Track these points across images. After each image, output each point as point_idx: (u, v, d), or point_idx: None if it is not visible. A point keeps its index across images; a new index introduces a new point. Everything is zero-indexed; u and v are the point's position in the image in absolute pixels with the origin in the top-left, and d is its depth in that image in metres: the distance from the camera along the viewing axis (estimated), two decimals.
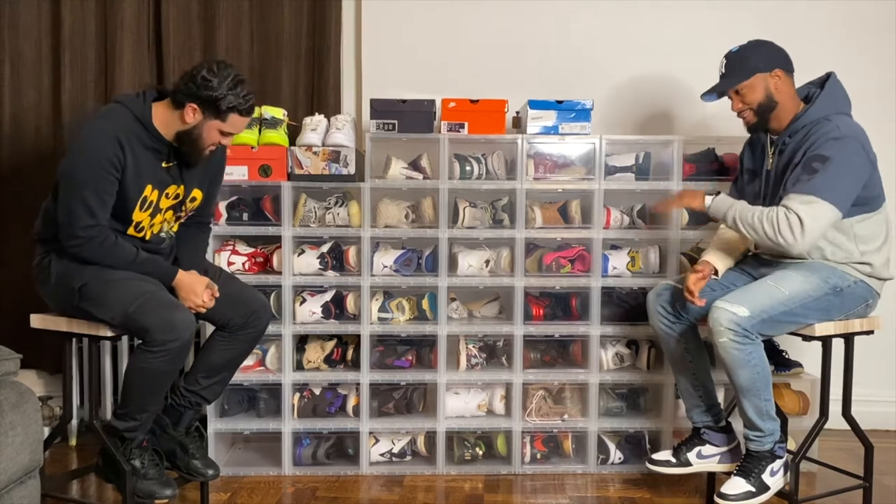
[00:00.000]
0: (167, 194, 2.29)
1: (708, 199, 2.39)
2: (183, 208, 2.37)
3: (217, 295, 2.30)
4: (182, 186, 2.32)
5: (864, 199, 2.29)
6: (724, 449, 2.50)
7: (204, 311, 2.30)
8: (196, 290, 2.27)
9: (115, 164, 2.14)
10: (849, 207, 2.24)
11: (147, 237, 2.30)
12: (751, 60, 2.34)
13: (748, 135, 2.49)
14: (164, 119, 2.22)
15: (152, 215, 2.28)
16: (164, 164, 2.26)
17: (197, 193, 2.38)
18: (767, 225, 2.23)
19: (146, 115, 2.20)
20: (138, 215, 2.24)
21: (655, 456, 2.54)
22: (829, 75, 2.39)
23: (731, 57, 2.39)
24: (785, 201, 2.23)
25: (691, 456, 2.50)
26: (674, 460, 2.50)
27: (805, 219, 2.18)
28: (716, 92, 2.42)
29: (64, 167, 2.16)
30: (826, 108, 2.31)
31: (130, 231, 2.26)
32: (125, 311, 2.12)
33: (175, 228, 2.41)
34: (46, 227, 2.26)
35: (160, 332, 2.09)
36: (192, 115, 2.19)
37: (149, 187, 2.23)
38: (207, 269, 2.45)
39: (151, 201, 2.25)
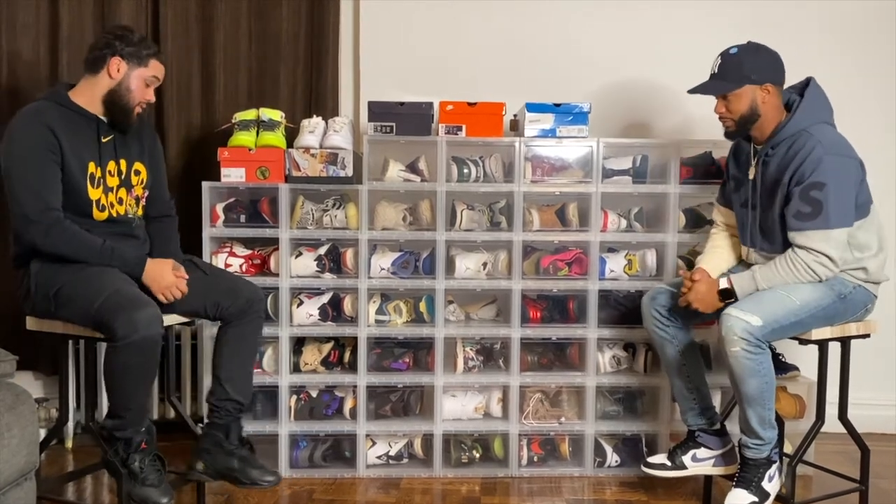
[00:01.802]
0: (110, 171, 2.32)
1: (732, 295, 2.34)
2: (132, 184, 2.39)
3: (186, 277, 2.31)
4: (123, 161, 2.36)
5: (856, 206, 2.29)
6: (718, 452, 2.50)
7: (179, 295, 2.29)
8: (164, 275, 2.27)
9: (51, 148, 2.20)
10: (853, 218, 2.27)
11: (114, 216, 2.33)
12: (745, 69, 2.31)
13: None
14: (86, 92, 2.31)
15: (105, 193, 2.31)
16: (103, 139, 2.31)
17: (139, 167, 2.41)
18: (803, 278, 2.25)
19: (65, 98, 2.29)
20: (93, 192, 2.28)
21: (651, 459, 2.54)
22: (808, 81, 2.37)
23: (726, 58, 2.34)
24: (803, 241, 2.24)
25: (686, 459, 2.50)
26: (669, 463, 2.51)
27: (831, 253, 2.23)
28: (702, 91, 2.39)
29: (3, 169, 2.21)
30: (806, 119, 2.30)
31: (95, 213, 2.28)
32: (90, 311, 2.13)
33: (140, 212, 2.42)
34: (17, 246, 2.28)
35: (121, 328, 2.08)
36: (116, 68, 2.28)
37: (91, 164, 2.28)
38: (195, 262, 2.46)
39: (98, 178, 2.29)
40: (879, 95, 3.24)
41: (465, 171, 2.82)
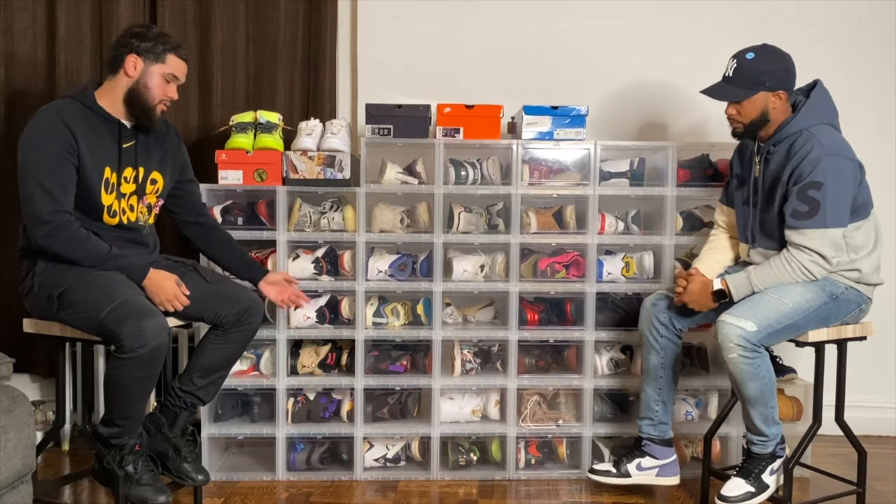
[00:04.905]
0: (125, 178, 2.31)
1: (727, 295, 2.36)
2: (146, 192, 2.38)
3: (187, 292, 2.30)
4: (141, 168, 2.35)
5: (854, 207, 2.30)
6: (663, 462, 2.55)
7: (175, 308, 2.28)
8: (164, 286, 2.27)
9: (68, 149, 2.19)
10: (849, 219, 2.28)
11: (125, 223, 2.32)
12: (759, 75, 2.29)
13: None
14: (109, 93, 2.30)
15: (118, 199, 2.30)
16: (124, 145, 2.30)
17: (157, 176, 2.40)
18: (799, 277, 2.27)
19: (89, 99, 2.28)
20: (106, 198, 2.27)
21: (596, 466, 2.60)
22: (815, 83, 2.38)
23: (741, 63, 2.31)
24: (799, 239, 2.25)
25: (631, 468, 2.54)
26: (614, 471, 2.56)
27: (826, 252, 2.24)
28: (715, 95, 2.36)
29: (19, 164, 2.20)
30: (809, 119, 2.31)
31: (105, 218, 2.28)
32: (97, 319, 2.12)
33: (151, 221, 2.43)
34: (26, 238, 2.28)
35: (129, 339, 2.07)
36: (133, 66, 2.27)
37: (107, 169, 2.27)
38: (196, 269, 2.46)
39: (113, 184, 2.29)
40: (877, 96, 3.25)
41: (463, 173, 2.82)
